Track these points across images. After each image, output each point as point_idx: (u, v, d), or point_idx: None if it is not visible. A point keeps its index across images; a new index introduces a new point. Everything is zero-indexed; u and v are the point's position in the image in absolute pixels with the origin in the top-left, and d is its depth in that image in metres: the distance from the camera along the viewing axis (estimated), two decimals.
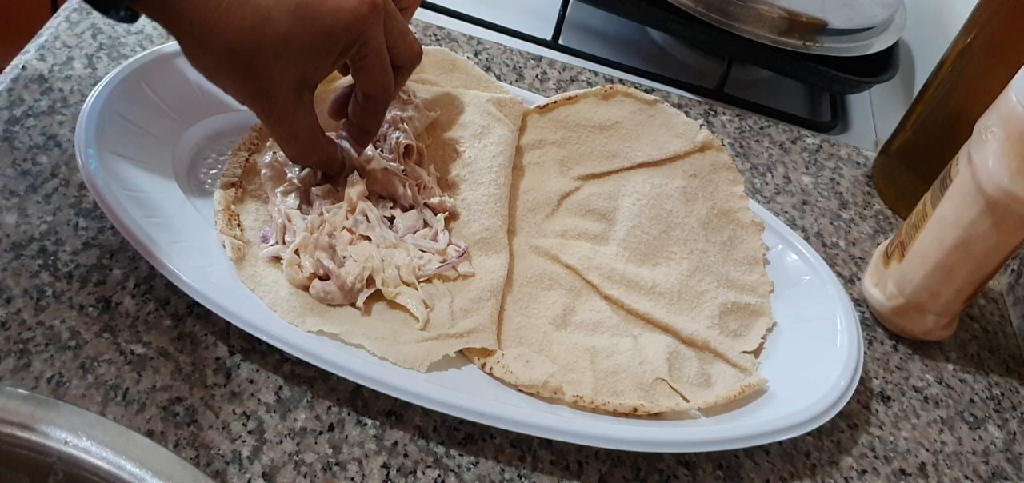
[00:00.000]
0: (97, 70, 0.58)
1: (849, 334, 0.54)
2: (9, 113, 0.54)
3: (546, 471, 0.47)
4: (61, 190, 0.52)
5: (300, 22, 0.44)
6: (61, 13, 0.62)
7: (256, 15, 0.43)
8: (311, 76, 0.47)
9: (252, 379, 0.47)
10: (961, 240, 0.54)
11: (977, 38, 0.63)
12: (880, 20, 0.76)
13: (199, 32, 0.43)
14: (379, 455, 0.45)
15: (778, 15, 0.71)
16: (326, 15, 0.44)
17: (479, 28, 0.74)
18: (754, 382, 0.51)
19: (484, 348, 0.49)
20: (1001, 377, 0.61)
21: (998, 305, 0.67)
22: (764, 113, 0.76)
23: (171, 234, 0.47)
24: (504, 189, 0.56)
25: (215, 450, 0.43)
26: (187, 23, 0.43)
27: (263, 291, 0.48)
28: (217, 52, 0.44)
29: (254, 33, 0.43)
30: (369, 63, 0.48)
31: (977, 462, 0.55)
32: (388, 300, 0.50)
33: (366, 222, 0.51)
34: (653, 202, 0.58)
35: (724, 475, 0.49)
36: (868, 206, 0.71)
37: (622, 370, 0.50)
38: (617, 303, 0.54)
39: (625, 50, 0.78)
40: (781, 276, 0.59)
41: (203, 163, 0.54)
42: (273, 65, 0.45)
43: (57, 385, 0.44)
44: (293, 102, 0.47)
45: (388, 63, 0.49)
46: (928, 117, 0.68)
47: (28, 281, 0.47)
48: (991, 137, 0.51)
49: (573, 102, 0.62)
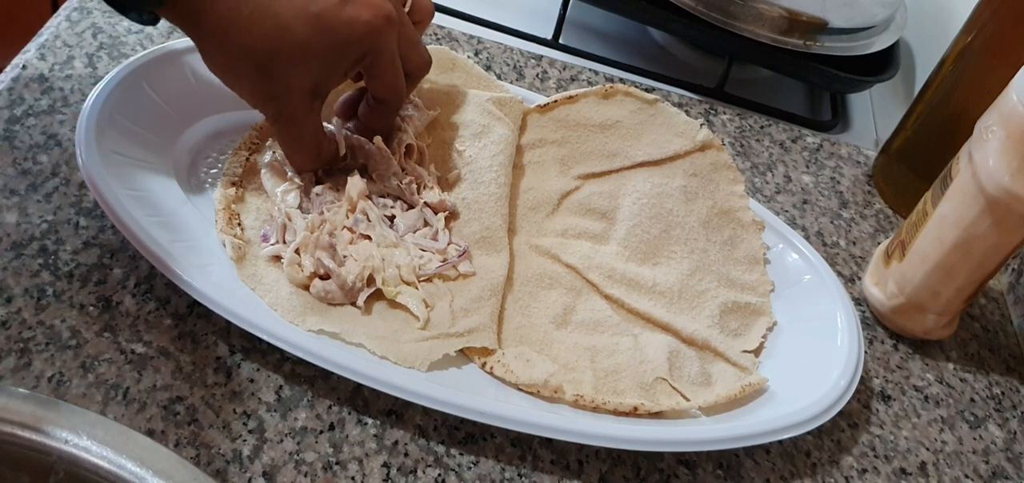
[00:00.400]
0: (97, 69, 0.58)
1: (849, 333, 0.54)
2: (9, 112, 0.54)
3: (546, 470, 0.47)
4: (61, 189, 0.52)
5: (318, 31, 0.46)
6: (61, 12, 0.62)
7: (276, 23, 0.45)
8: (324, 83, 0.48)
9: (253, 378, 0.47)
10: (962, 239, 0.54)
11: (978, 37, 0.63)
12: (880, 19, 0.76)
13: (220, 35, 0.45)
14: (379, 454, 0.45)
15: (778, 14, 0.71)
16: (343, 26, 0.46)
17: (479, 27, 0.74)
18: (754, 381, 0.51)
19: (484, 347, 0.49)
20: (1001, 376, 0.61)
21: (998, 304, 0.66)
22: (764, 112, 0.76)
23: (172, 233, 0.47)
24: (504, 188, 0.56)
25: (216, 449, 0.43)
26: (209, 27, 0.45)
27: (263, 290, 0.48)
28: (236, 55, 0.46)
29: (274, 39, 0.45)
30: (382, 70, 0.50)
31: (977, 461, 0.55)
32: (388, 299, 0.50)
33: (366, 221, 0.51)
34: (653, 201, 0.58)
35: (724, 474, 0.49)
36: (868, 205, 0.71)
37: (622, 369, 0.50)
38: (617, 302, 0.54)
39: (625, 49, 0.78)
40: (781, 275, 0.59)
41: (203, 162, 0.54)
42: (290, 71, 0.46)
43: (58, 384, 0.44)
44: (304, 108, 0.48)
45: (400, 70, 0.51)
46: (929, 116, 0.68)
47: (29, 280, 0.47)
48: (991, 136, 0.51)
49: (573, 101, 0.61)
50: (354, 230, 0.50)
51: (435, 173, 0.56)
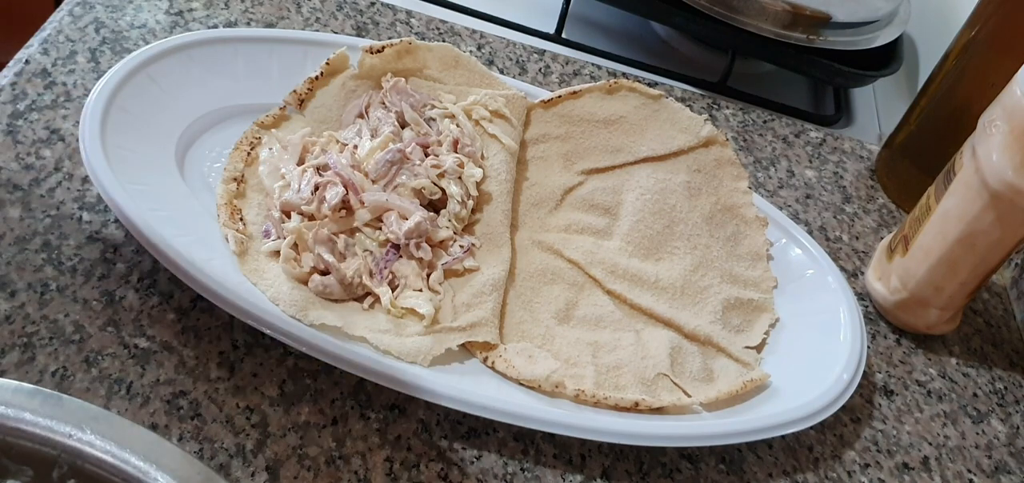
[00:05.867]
0: (100, 64, 0.58)
1: (852, 328, 0.54)
2: (12, 107, 0.54)
3: (549, 465, 0.47)
4: (65, 184, 0.52)
5: None
6: (64, 7, 0.62)
7: None
8: None
9: (256, 373, 0.47)
10: (965, 234, 0.54)
11: (981, 32, 0.63)
12: (884, 14, 0.76)
13: None
14: (382, 449, 0.45)
15: (782, 9, 0.71)
16: None
17: (482, 22, 0.74)
18: (756, 377, 0.51)
19: (487, 342, 0.49)
20: (1004, 371, 0.61)
21: (1002, 299, 0.66)
22: (768, 107, 0.76)
23: (175, 227, 0.47)
24: (507, 184, 0.56)
25: (219, 443, 0.44)
26: None
27: (265, 285, 0.48)
28: None
29: None
30: None
31: (980, 456, 0.55)
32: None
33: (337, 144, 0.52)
34: (657, 197, 0.58)
35: (727, 469, 0.49)
36: (872, 200, 0.71)
37: (624, 365, 0.50)
38: (620, 298, 0.54)
39: (628, 44, 0.78)
40: (784, 270, 0.59)
41: (206, 157, 0.54)
42: None
43: (61, 379, 0.44)
44: None
45: None
46: (932, 111, 0.67)
47: (32, 275, 0.47)
48: (995, 130, 0.51)
49: (577, 96, 0.61)
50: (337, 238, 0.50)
51: (457, 219, 0.54)
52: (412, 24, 0.70)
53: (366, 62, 0.58)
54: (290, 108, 0.57)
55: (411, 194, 0.52)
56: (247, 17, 0.65)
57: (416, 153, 0.54)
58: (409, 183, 0.52)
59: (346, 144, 0.54)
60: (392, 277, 0.50)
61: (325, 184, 0.50)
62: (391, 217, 0.51)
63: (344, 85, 0.58)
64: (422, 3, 0.73)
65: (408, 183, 0.52)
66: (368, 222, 0.51)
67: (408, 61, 0.59)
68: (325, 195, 0.50)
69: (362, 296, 0.49)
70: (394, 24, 0.70)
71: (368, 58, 0.58)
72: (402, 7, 0.71)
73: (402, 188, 0.52)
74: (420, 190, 0.52)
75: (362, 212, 0.50)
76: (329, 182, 0.50)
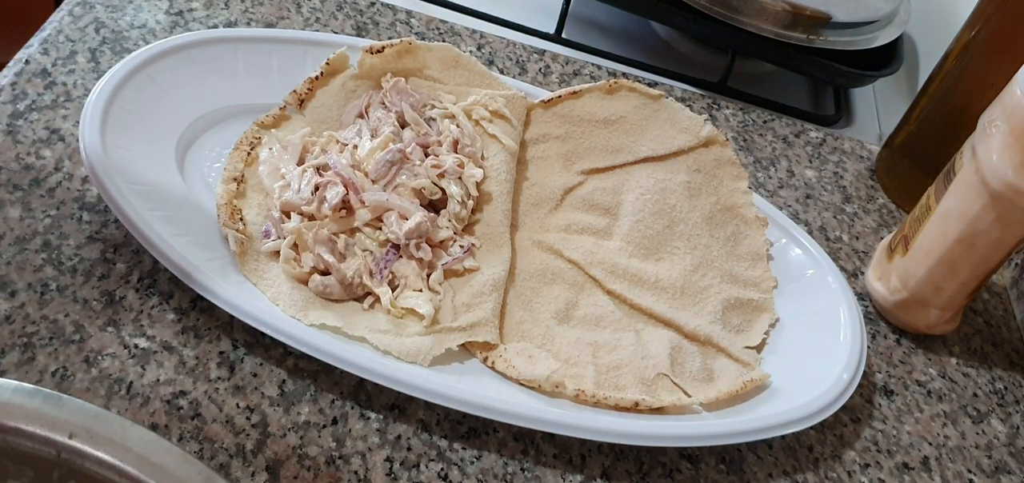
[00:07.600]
0: (100, 64, 0.58)
1: (852, 328, 0.54)
2: (12, 107, 0.54)
3: (549, 464, 0.47)
4: (65, 184, 0.52)
5: None
6: (64, 7, 0.62)
7: None
8: None
9: (256, 373, 0.47)
10: (965, 234, 0.54)
11: (981, 32, 0.63)
12: (884, 14, 0.76)
13: None
14: (382, 449, 0.45)
15: (782, 9, 0.71)
16: None
17: (482, 22, 0.74)
18: (756, 377, 0.51)
19: (487, 342, 0.49)
20: (1004, 371, 0.61)
21: (1002, 299, 0.66)
22: (768, 107, 0.76)
23: (175, 227, 0.48)
24: (507, 184, 0.56)
25: (219, 444, 0.44)
26: None
27: (265, 285, 0.48)
28: None
29: None
30: None
31: (980, 456, 0.55)
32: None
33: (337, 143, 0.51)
34: (657, 197, 0.58)
35: (727, 469, 0.49)
36: (872, 200, 0.71)
37: (624, 365, 0.50)
38: (620, 298, 0.54)
39: (628, 44, 0.78)
40: (784, 270, 0.59)
41: (206, 157, 0.54)
42: None
43: (61, 379, 0.44)
44: None
45: None
46: (932, 111, 0.67)
47: (32, 275, 0.47)
48: (995, 131, 0.51)
49: (577, 96, 0.61)
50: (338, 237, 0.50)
51: (457, 219, 0.54)
52: (412, 24, 0.70)
53: (366, 62, 0.58)
54: (290, 108, 0.57)
55: (411, 194, 0.52)
56: (247, 17, 0.65)
57: (416, 153, 0.54)
58: (409, 183, 0.52)
59: (346, 144, 0.54)
60: (392, 277, 0.50)
61: (325, 184, 0.50)
62: (391, 217, 0.51)
63: (344, 85, 0.58)
64: (422, 3, 0.73)
65: (408, 183, 0.52)
66: (368, 222, 0.51)
67: (408, 61, 0.59)
68: (325, 195, 0.50)
69: (362, 296, 0.49)
70: (394, 24, 0.70)
71: (368, 58, 0.58)
72: (402, 7, 0.71)
73: (402, 188, 0.52)
74: (420, 190, 0.52)
75: (362, 212, 0.51)
76: (329, 182, 0.50)
